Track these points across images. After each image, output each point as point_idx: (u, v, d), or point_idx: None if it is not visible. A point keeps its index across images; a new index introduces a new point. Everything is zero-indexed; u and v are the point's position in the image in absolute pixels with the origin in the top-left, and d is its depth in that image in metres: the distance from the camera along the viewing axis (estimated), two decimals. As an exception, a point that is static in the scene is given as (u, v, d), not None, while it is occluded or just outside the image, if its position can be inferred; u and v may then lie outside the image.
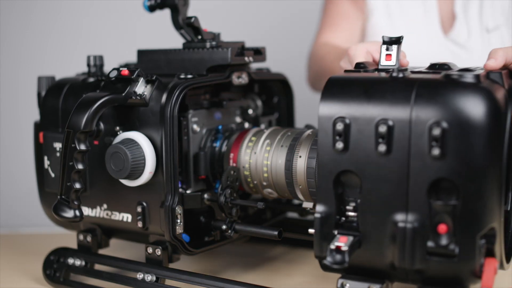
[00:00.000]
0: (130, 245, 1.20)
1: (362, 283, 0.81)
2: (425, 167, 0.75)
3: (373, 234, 0.79)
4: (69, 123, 0.88)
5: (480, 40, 1.32)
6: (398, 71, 0.80)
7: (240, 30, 2.01)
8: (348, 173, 0.80)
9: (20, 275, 1.09)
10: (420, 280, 0.79)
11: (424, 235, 0.76)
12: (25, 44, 2.23)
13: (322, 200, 0.81)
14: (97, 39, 2.24)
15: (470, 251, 0.75)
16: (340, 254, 0.77)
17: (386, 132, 0.76)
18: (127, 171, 0.92)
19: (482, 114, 0.74)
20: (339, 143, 0.79)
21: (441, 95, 0.75)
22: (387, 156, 0.77)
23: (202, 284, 0.91)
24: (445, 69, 0.83)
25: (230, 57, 1.00)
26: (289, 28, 2.14)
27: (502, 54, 0.87)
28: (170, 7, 1.05)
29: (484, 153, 0.73)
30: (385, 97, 0.77)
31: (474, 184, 0.73)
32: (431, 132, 0.74)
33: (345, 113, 0.79)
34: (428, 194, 0.75)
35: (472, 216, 0.74)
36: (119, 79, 0.94)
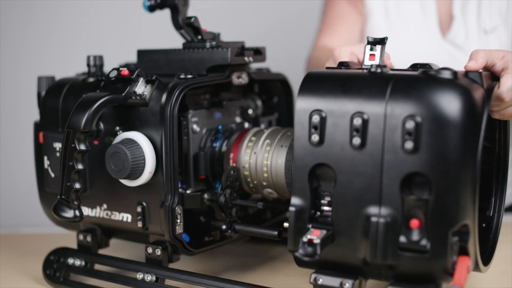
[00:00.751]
0: (130, 245, 1.20)
1: (335, 278, 0.80)
2: (398, 161, 0.75)
3: (346, 229, 0.79)
4: (69, 123, 0.88)
5: (478, 42, 1.32)
6: (377, 67, 0.80)
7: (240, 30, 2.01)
8: (323, 166, 0.80)
9: (20, 275, 1.09)
10: (392, 276, 0.78)
11: (397, 230, 0.76)
12: (25, 44, 2.23)
13: (297, 194, 0.81)
14: (97, 39, 2.24)
15: (442, 247, 0.74)
16: (311, 247, 0.77)
17: (361, 125, 0.77)
18: (127, 171, 0.92)
19: (457, 110, 0.74)
20: (314, 136, 0.79)
21: (416, 89, 0.75)
22: (361, 149, 0.77)
23: (202, 284, 0.91)
24: (427, 68, 0.84)
25: (230, 57, 1.00)
26: (289, 28, 2.14)
27: (482, 56, 0.88)
28: (170, 7, 1.05)
29: (458, 148, 0.73)
30: (361, 91, 0.78)
31: (447, 180, 0.73)
32: (404, 126, 0.74)
33: (322, 106, 0.79)
34: (401, 188, 0.75)
35: (444, 212, 0.74)
36: (119, 79, 0.94)
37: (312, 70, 0.84)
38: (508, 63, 0.89)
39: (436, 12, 1.36)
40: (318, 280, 0.81)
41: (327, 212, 0.81)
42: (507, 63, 0.89)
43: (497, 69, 0.89)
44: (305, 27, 1.91)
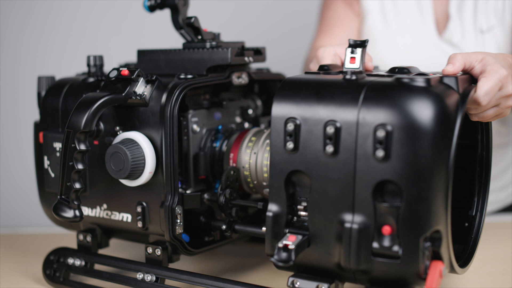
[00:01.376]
0: (130, 245, 1.20)
1: (311, 282, 0.82)
2: (370, 168, 0.76)
3: (321, 234, 0.80)
4: (69, 123, 0.88)
5: (474, 41, 1.32)
6: (352, 73, 0.81)
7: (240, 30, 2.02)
8: (299, 173, 0.81)
9: (20, 275, 1.09)
10: (367, 280, 0.80)
11: (369, 236, 0.77)
12: (25, 44, 2.23)
13: (274, 199, 0.83)
14: (97, 39, 2.24)
15: (414, 253, 0.75)
16: (286, 252, 0.78)
17: (334, 133, 0.78)
18: (127, 171, 0.92)
19: (428, 118, 0.74)
20: (289, 143, 0.80)
21: (388, 98, 0.76)
22: (334, 157, 0.78)
23: (202, 284, 0.91)
24: (404, 73, 0.84)
25: (230, 57, 1.00)
26: (289, 28, 2.14)
27: (460, 59, 0.88)
28: (170, 7, 1.05)
29: (429, 157, 0.74)
30: (334, 99, 0.79)
31: (417, 187, 0.74)
32: (375, 134, 0.75)
33: (296, 114, 0.80)
34: (373, 195, 0.76)
35: (415, 219, 0.75)
36: (119, 79, 0.94)
37: (289, 77, 0.85)
38: (485, 66, 0.88)
39: (433, 12, 1.37)
40: (296, 284, 0.83)
41: (303, 217, 0.82)
42: (485, 66, 0.88)
43: (475, 72, 0.89)
44: (305, 27, 1.91)
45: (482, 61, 0.89)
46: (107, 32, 2.24)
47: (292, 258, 0.78)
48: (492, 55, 0.91)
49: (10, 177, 2.26)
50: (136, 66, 1.05)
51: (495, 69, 0.87)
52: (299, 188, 0.82)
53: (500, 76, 0.87)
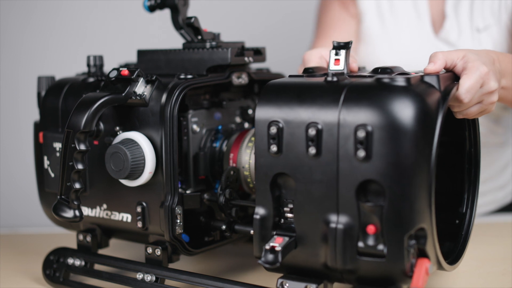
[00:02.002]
0: (129, 245, 1.20)
1: (300, 283, 0.82)
2: (352, 169, 0.77)
3: (308, 235, 0.81)
4: (69, 123, 0.88)
5: (471, 40, 1.33)
6: (333, 75, 0.81)
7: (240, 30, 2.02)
8: (284, 175, 0.82)
9: (20, 275, 1.09)
10: (354, 280, 0.80)
11: (354, 235, 0.78)
12: (25, 44, 2.23)
13: (261, 202, 0.84)
14: (97, 39, 2.24)
15: (399, 251, 0.76)
16: (273, 254, 0.79)
17: (315, 135, 0.78)
18: (127, 171, 0.92)
19: (408, 117, 0.75)
20: (273, 146, 0.81)
21: (368, 98, 0.77)
22: (317, 158, 0.79)
23: (201, 284, 0.91)
24: (387, 73, 0.84)
25: (230, 57, 1.00)
26: (289, 28, 2.14)
27: (441, 58, 0.88)
28: (170, 7, 1.05)
29: (410, 155, 0.75)
30: (315, 101, 0.79)
31: (400, 186, 0.75)
32: (356, 135, 0.76)
33: (279, 117, 0.81)
34: (357, 195, 0.77)
35: (399, 217, 0.75)
36: (119, 79, 0.94)
37: (271, 81, 0.86)
38: (467, 63, 0.88)
39: (429, 11, 1.37)
40: (285, 285, 0.83)
41: (290, 219, 0.83)
42: (466, 63, 0.88)
43: (458, 70, 0.89)
44: (305, 27, 1.91)
45: (464, 58, 0.89)
46: (107, 32, 2.24)
47: (279, 259, 0.79)
48: (474, 52, 0.91)
49: (10, 177, 2.26)
50: (136, 66, 1.05)
51: (476, 66, 0.87)
52: (284, 190, 0.83)
53: (481, 73, 0.87)
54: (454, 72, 0.89)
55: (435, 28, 1.37)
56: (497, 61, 0.96)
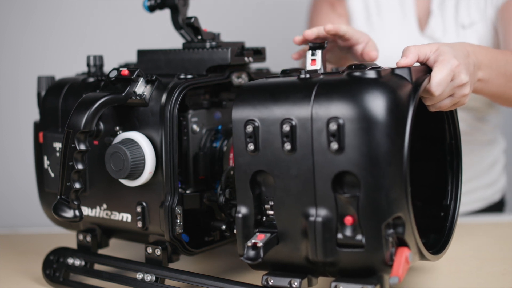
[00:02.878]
0: (129, 245, 1.20)
1: (284, 278, 0.83)
2: (327, 162, 0.78)
3: (289, 230, 0.82)
4: (69, 123, 0.88)
5: (456, 36, 1.33)
6: (306, 73, 0.83)
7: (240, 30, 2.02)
8: (262, 173, 0.83)
9: (20, 275, 1.09)
10: (336, 272, 0.82)
11: (333, 227, 0.79)
12: (25, 44, 2.23)
13: (242, 201, 0.85)
14: (97, 39, 2.24)
15: (377, 240, 0.77)
16: (254, 250, 0.81)
17: (290, 131, 0.80)
18: (126, 171, 0.92)
19: (378, 108, 0.77)
20: (250, 145, 0.83)
21: (338, 92, 0.79)
22: (293, 154, 0.80)
23: (201, 284, 0.91)
24: (361, 68, 0.86)
25: (230, 57, 1.00)
26: (289, 28, 2.14)
27: (413, 51, 0.89)
28: (170, 7, 1.05)
29: (382, 146, 0.76)
30: (288, 98, 0.81)
31: (373, 176, 0.76)
32: (328, 128, 0.78)
33: (254, 116, 0.83)
34: (333, 187, 0.79)
35: (375, 207, 0.77)
36: (119, 79, 0.94)
37: (247, 82, 0.88)
38: (438, 57, 0.89)
39: (415, 9, 1.38)
40: (269, 281, 0.85)
41: (271, 216, 0.84)
42: (438, 56, 0.89)
43: (430, 63, 0.90)
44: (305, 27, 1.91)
45: (436, 51, 0.90)
46: (107, 32, 2.24)
47: (261, 255, 0.80)
48: (448, 45, 0.92)
49: (10, 177, 2.26)
50: (136, 66, 1.05)
51: (447, 59, 0.88)
52: (264, 188, 0.84)
53: (451, 66, 0.88)
54: (427, 65, 0.90)
55: (421, 26, 1.38)
56: (472, 53, 0.97)
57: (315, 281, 0.85)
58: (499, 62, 1.05)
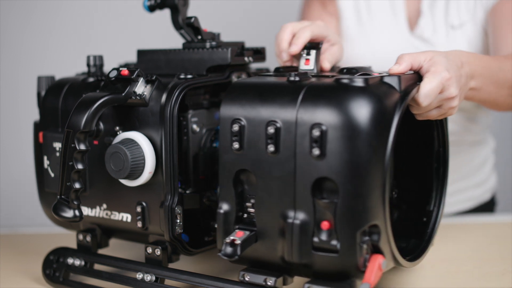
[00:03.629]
0: (129, 245, 1.20)
1: (260, 275, 0.85)
2: (308, 166, 0.79)
3: (267, 230, 0.84)
4: (68, 123, 0.88)
5: (445, 36, 1.33)
6: (296, 75, 0.84)
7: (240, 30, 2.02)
8: (246, 171, 0.85)
9: (20, 275, 1.09)
10: (311, 274, 0.83)
11: (310, 231, 0.81)
12: (25, 44, 2.23)
13: (224, 198, 0.87)
14: (97, 39, 2.24)
15: (351, 246, 0.79)
16: (232, 247, 0.82)
17: (274, 133, 0.81)
18: (126, 171, 0.92)
19: (361, 116, 0.77)
20: (235, 143, 0.84)
21: (324, 98, 0.79)
22: (276, 155, 0.81)
23: (201, 284, 0.91)
24: (352, 73, 0.87)
25: (230, 57, 1.00)
26: (289, 28, 2.14)
27: (407, 60, 0.89)
28: (170, 7, 1.05)
29: (363, 154, 0.77)
30: (275, 101, 0.82)
31: (352, 184, 0.77)
32: (311, 133, 0.78)
33: (241, 115, 0.84)
34: (313, 192, 0.80)
35: (352, 214, 0.78)
36: (119, 79, 0.94)
37: (237, 80, 0.88)
38: (430, 67, 0.89)
39: (405, 9, 1.38)
40: (246, 277, 0.87)
41: (252, 214, 0.86)
42: (430, 66, 0.89)
43: (423, 72, 0.89)
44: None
45: (430, 60, 0.89)
46: (107, 32, 2.25)
47: (238, 252, 0.82)
48: (442, 55, 0.91)
49: (10, 177, 2.26)
50: (136, 66, 1.05)
51: (438, 71, 0.87)
52: (247, 186, 0.86)
53: (442, 79, 0.87)
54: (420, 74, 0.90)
55: (411, 26, 1.38)
56: (466, 64, 0.96)
57: (290, 280, 0.86)
58: (492, 70, 1.05)
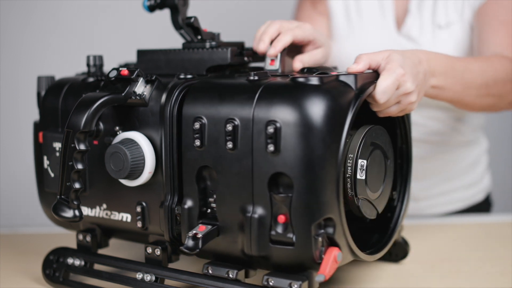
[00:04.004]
0: (129, 245, 1.20)
1: (223, 268, 0.89)
2: (264, 162, 0.83)
3: (228, 224, 0.87)
4: (68, 123, 0.88)
5: (431, 36, 1.34)
6: (255, 75, 0.87)
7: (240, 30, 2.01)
8: (208, 168, 0.88)
9: (20, 275, 1.09)
10: (270, 266, 0.87)
11: (267, 224, 0.84)
12: (25, 44, 2.23)
13: (187, 194, 0.90)
14: (97, 39, 2.24)
15: (306, 239, 0.82)
16: (194, 241, 0.86)
17: (232, 130, 0.84)
18: (126, 171, 0.92)
19: (314, 114, 0.81)
20: (197, 141, 0.87)
21: (278, 96, 0.83)
22: (234, 152, 0.85)
23: (201, 284, 0.91)
24: (312, 72, 0.90)
25: (229, 57, 1.00)
26: (289, 28, 2.14)
27: (365, 59, 0.91)
28: (170, 7, 1.05)
29: (316, 150, 0.81)
30: (234, 99, 0.86)
31: (306, 179, 0.81)
32: (266, 130, 0.82)
33: (202, 114, 0.87)
34: (269, 187, 0.83)
35: (306, 207, 0.82)
36: (119, 79, 0.94)
37: (199, 80, 0.92)
38: (386, 65, 0.91)
39: (393, 8, 1.38)
40: (209, 270, 0.90)
41: (215, 209, 0.89)
42: (386, 64, 0.91)
43: (380, 70, 0.91)
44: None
45: (387, 59, 0.91)
46: (107, 32, 2.25)
47: (199, 246, 0.85)
48: (399, 53, 0.93)
49: (10, 177, 2.26)
50: (136, 66, 1.05)
51: (393, 68, 0.90)
52: (210, 182, 0.89)
53: (397, 75, 0.89)
54: (378, 72, 0.92)
55: (398, 25, 1.38)
56: (425, 61, 0.98)
57: (252, 273, 0.90)
58: (456, 70, 1.07)
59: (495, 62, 1.17)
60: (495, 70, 1.15)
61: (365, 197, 0.90)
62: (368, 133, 0.90)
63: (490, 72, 1.15)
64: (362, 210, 0.90)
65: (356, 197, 0.88)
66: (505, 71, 1.18)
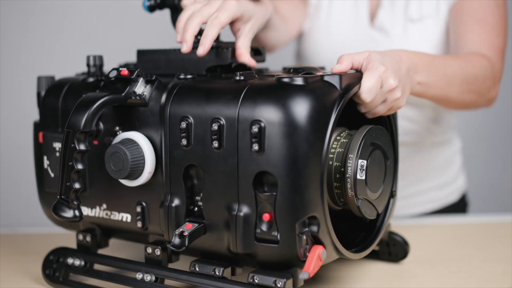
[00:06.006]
0: (129, 245, 1.20)
1: (210, 266, 0.90)
2: (249, 161, 0.84)
3: (214, 222, 0.89)
4: (68, 123, 0.88)
5: (402, 29, 1.34)
6: (240, 75, 0.88)
7: (240, 30, 2.01)
8: (194, 167, 0.89)
9: (19, 275, 1.09)
10: (256, 264, 0.88)
11: (252, 223, 0.85)
12: (25, 44, 2.23)
13: (175, 192, 0.91)
14: (97, 39, 2.25)
15: (290, 237, 0.83)
16: (181, 238, 0.87)
17: (218, 129, 0.86)
18: (126, 171, 0.92)
19: (298, 113, 0.82)
20: (184, 140, 0.89)
21: (262, 96, 0.84)
22: (220, 151, 0.86)
23: (201, 284, 0.91)
24: (298, 72, 0.91)
25: (230, 57, 1.00)
26: (289, 28, 2.13)
27: (347, 59, 0.92)
28: (170, 7, 1.05)
29: (300, 149, 0.82)
30: (220, 99, 0.87)
31: (290, 177, 0.82)
32: (251, 130, 0.83)
33: (189, 113, 0.89)
34: (254, 185, 0.84)
35: (290, 206, 0.83)
36: (119, 79, 0.94)
37: (186, 81, 0.93)
38: (367, 64, 0.91)
39: (368, 2, 1.38)
40: (196, 268, 0.91)
41: (202, 207, 0.90)
42: (367, 64, 0.91)
43: (363, 70, 0.92)
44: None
45: (367, 58, 0.92)
46: (107, 32, 2.25)
47: (186, 244, 0.87)
48: (378, 52, 0.93)
49: (10, 177, 2.26)
50: (136, 66, 1.05)
51: (374, 67, 0.90)
52: (197, 180, 0.91)
53: (379, 73, 0.90)
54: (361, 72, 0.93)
55: (372, 17, 1.38)
56: (406, 58, 0.98)
57: (239, 270, 0.91)
58: (437, 66, 1.07)
59: (473, 60, 1.18)
60: (473, 67, 1.16)
61: (365, 197, 0.90)
62: (368, 133, 0.90)
63: (469, 69, 1.15)
64: (362, 211, 0.90)
65: (356, 197, 0.88)
66: (483, 68, 1.18)
